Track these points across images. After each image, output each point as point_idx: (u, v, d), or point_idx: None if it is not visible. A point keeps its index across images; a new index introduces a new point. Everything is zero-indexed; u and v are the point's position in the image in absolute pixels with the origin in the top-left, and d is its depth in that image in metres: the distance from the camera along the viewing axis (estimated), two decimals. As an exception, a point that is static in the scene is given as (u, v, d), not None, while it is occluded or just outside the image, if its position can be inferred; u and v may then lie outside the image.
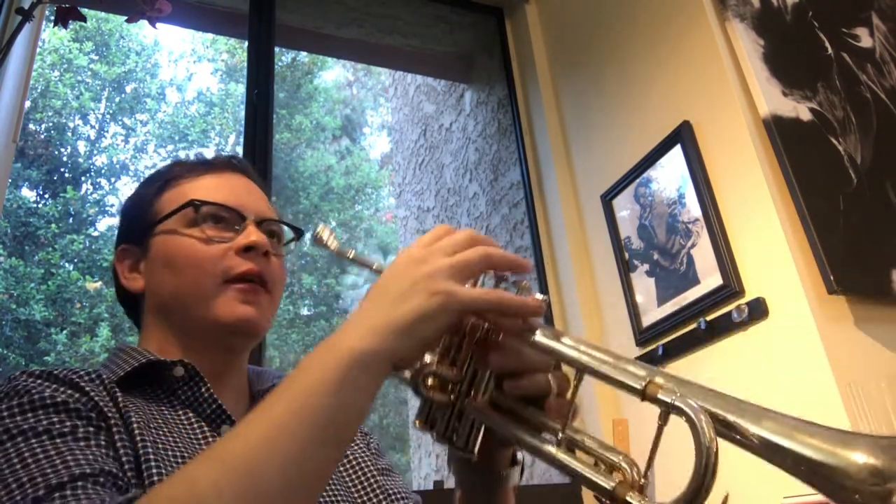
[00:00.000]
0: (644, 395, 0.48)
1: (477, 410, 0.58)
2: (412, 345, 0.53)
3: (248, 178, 0.86)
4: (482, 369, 0.59)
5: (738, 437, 0.46)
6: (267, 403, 0.50)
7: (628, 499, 0.47)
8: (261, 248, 0.76)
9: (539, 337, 0.55)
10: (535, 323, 0.56)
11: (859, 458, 0.41)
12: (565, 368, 0.58)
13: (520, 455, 0.69)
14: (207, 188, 0.79)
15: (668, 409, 0.47)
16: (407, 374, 0.59)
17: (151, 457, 0.59)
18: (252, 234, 0.76)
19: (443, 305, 0.52)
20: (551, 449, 0.53)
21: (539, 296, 0.57)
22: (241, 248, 0.75)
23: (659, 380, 0.48)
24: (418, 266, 0.55)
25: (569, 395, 0.56)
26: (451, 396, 0.58)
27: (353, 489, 0.77)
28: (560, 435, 0.53)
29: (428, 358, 0.58)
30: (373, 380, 0.52)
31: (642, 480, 0.49)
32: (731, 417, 0.46)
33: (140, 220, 0.80)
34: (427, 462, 4.75)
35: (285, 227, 0.86)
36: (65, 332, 7.32)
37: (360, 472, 0.79)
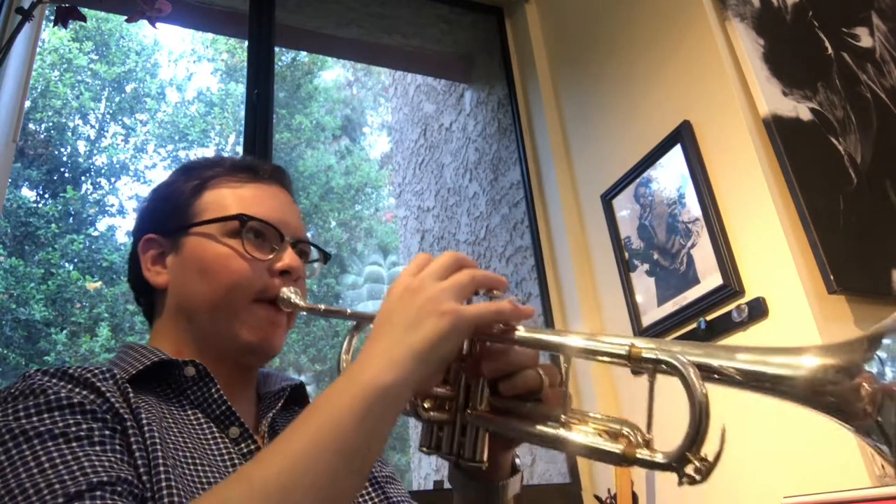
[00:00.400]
0: (630, 358, 0.51)
1: (478, 419, 0.60)
2: (432, 369, 0.55)
3: (289, 192, 0.86)
4: (474, 380, 0.61)
5: (721, 376, 0.50)
6: (293, 434, 0.51)
7: (638, 455, 0.50)
8: (295, 272, 0.78)
9: (520, 333, 0.58)
10: (514, 324, 0.59)
11: (821, 362, 0.46)
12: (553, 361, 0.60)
13: (518, 461, 0.70)
14: (253, 200, 0.79)
15: (655, 366, 0.50)
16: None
17: (160, 459, 0.59)
18: (290, 258, 0.77)
19: (454, 324, 0.55)
20: (557, 432, 0.56)
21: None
22: (279, 270, 0.76)
23: (639, 343, 0.52)
24: (416, 293, 0.57)
25: (563, 382, 0.59)
26: (451, 414, 0.60)
27: (357, 497, 0.77)
28: (562, 418, 0.56)
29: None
30: (395, 410, 0.54)
31: (647, 436, 0.52)
32: (711, 361, 0.50)
33: (174, 215, 0.79)
34: (427, 462, 4.75)
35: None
36: (65, 331, 7.33)
37: (371, 477, 0.79)
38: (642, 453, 0.49)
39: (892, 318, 0.44)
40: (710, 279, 1.56)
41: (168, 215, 0.80)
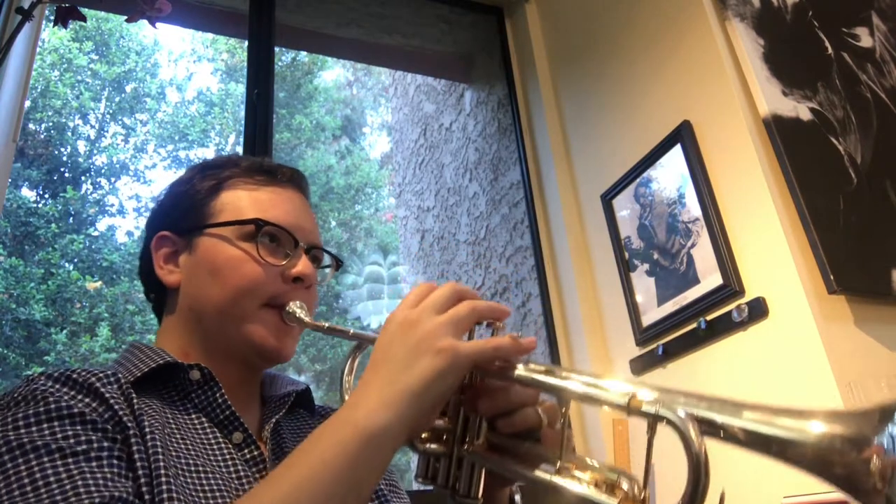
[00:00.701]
0: (629, 409, 0.49)
1: (475, 455, 0.59)
2: (426, 409, 0.54)
3: (306, 196, 0.86)
4: (473, 415, 0.60)
5: (725, 434, 0.47)
6: (281, 478, 0.51)
7: None
8: (308, 280, 0.77)
9: (519, 372, 0.56)
10: (514, 361, 0.57)
11: (830, 430, 0.43)
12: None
13: (517, 498, 0.69)
14: (269, 204, 0.79)
15: (654, 420, 0.48)
16: None
17: (162, 469, 0.58)
18: (303, 265, 0.77)
19: (452, 362, 0.53)
20: (551, 478, 0.54)
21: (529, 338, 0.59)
22: (291, 277, 0.76)
23: (642, 393, 0.50)
24: (413, 328, 0.56)
25: (558, 424, 0.57)
26: (448, 446, 0.59)
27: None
28: (558, 463, 0.54)
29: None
30: (387, 453, 0.53)
31: (643, 494, 0.50)
32: (715, 417, 0.48)
33: (189, 214, 0.79)
34: (427, 462, 4.74)
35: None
36: (65, 331, 7.33)
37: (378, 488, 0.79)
38: None
39: None
40: (710, 279, 1.56)
41: (183, 214, 0.80)
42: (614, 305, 1.92)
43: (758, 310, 1.44)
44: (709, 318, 1.56)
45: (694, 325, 1.60)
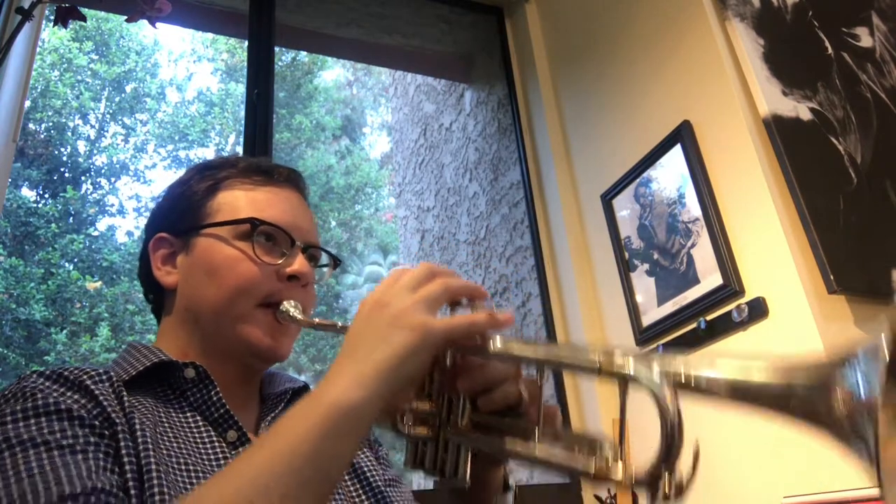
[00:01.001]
0: (600, 371, 0.50)
1: (460, 435, 0.59)
2: (399, 385, 0.53)
3: (304, 196, 0.86)
4: (455, 396, 0.60)
5: (701, 390, 0.48)
6: (252, 455, 0.50)
7: (611, 475, 0.48)
8: (304, 278, 0.77)
9: (496, 346, 0.56)
10: (489, 336, 0.57)
11: (801, 375, 0.44)
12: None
13: (511, 481, 0.69)
14: (265, 203, 0.79)
15: (625, 380, 0.48)
16: (386, 419, 0.60)
17: (153, 465, 0.58)
18: (299, 264, 0.77)
19: (423, 338, 0.53)
20: (531, 450, 0.54)
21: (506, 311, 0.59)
22: (287, 275, 0.76)
23: (615, 356, 0.50)
24: (386, 307, 0.56)
25: (539, 397, 0.58)
26: (433, 430, 0.59)
27: (363, 496, 0.76)
28: (537, 432, 0.55)
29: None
30: (359, 430, 0.52)
31: (619, 453, 0.50)
32: (688, 373, 0.48)
33: (186, 215, 0.79)
34: (427, 462, 4.75)
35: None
36: (65, 331, 7.33)
37: (366, 484, 0.79)
38: (615, 471, 0.48)
39: (868, 338, 0.43)
40: (710, 279, 1.56)
41: (180, 214, 0.80)
42: (614, 305, 1.92)
43: (758, 310, 1.44)
44: (709, 318, 1.56)
45: (694, 325, 1.60)
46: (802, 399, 0.44)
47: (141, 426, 0.61)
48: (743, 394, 0.46)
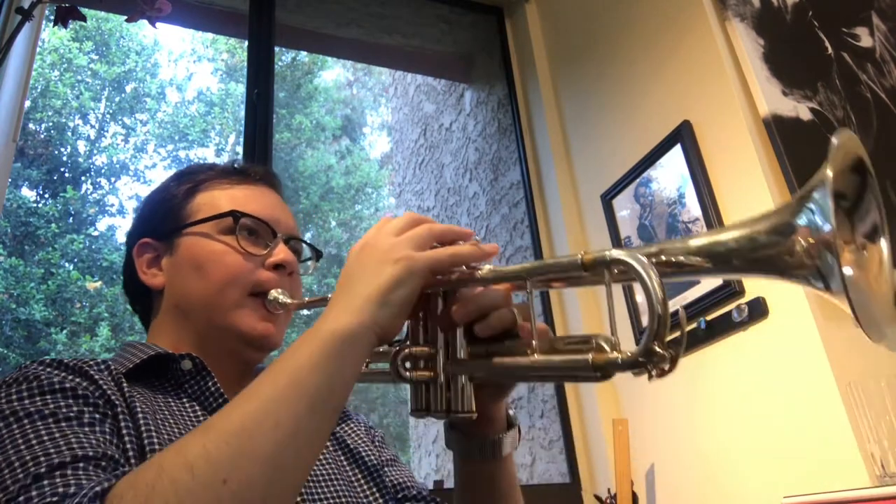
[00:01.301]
0: (584, 264, 0.53)
1: (459, 366, 0.61)
2: (390, 312, 0.56)
3: (279, 193, 0.88)
4: (451, 333, 0.62)
5: (680, 264, 0.51)
6: (255, 383, 0.52)
7: (607, 359, 0.50)
8: (290, 267, 0.79)
9: (483, 273, 0.60)
10: (477, 265, 0.60)
11: (753, 229, 0.48)
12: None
13: (512, 412, 0.71)
14: (245, 199, 0.81)
15: (607, 264, 0.51)
16: (387, 354, 0.62)
17: (156, 442, 0.60)
18: (283, 253, 0.79)
19: (409, 268, 0.56)
20: (530, 361, 0.56)
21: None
22: (272, 265, 0.78)
23: (594, 250, 0.53)
24: (373, 247, 0.59)
25: (532, 312, 0.60)
26: (433, 370, 0.61)
27: (355, 483, 0.77)
28: (534, 343, 0.57)
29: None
30: (358, 352, 0.55)
31: (613, 339, 0.52)
32: (662, 251, 0.51)
33: (167, 218, 0.81)
34: (427, 462, 4.75)
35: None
36: (65, 331, 7.33)
37: (363, 466, 0.80)
38: (610, 356, 0.50)
39: (817, 175, 0.45)
40: (710, 279, 1.56)
41: (161, 219, 0.81)
42: (614, 305, 1.91)
43: (758, 310, 1.44)
44: (709, 318, 1.56)
45: (694, 325, 1.60)
46: (767, 246, 0.46)
47: (143, 412, 0.62)
48: (715, 258, 0.50)
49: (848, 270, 0.44)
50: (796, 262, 0.45)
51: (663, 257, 0.51)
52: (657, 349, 0.46)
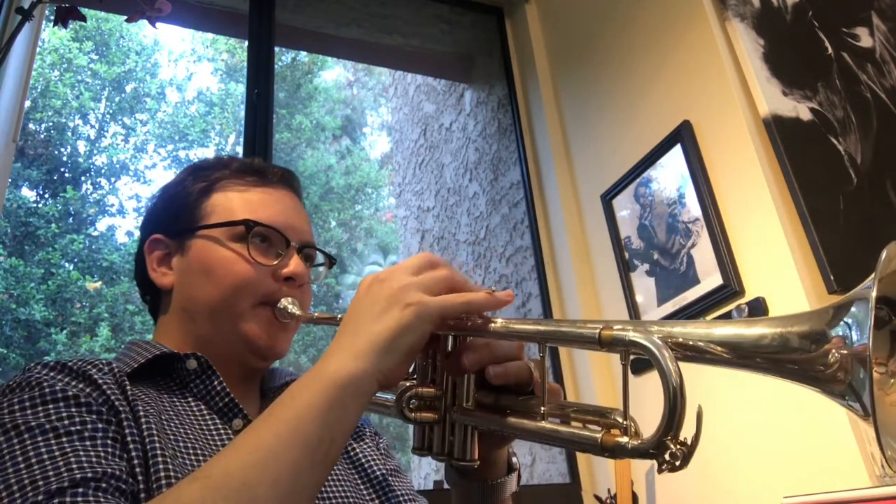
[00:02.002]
0: (601, 342, 0.49)
1: (466, 415, 0.59)
2: (395, 360, 0.54)
3: (297, 195, 0.86)
4: (460, 378, 0.60)
5: (700, 351, 0.48)
6: (257, 428, 0.51)
7: (617, 443, 0.48)
8: (299, 279, 0.78)
9: (496, 326, 0.57)
10: (490, 315, 0.58)
11: (785, 330, 0.45)
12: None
13: (515, 460, 0.70)
14: (259, 204, 0.79)
15: (626, 347, 0.48)
16: (391, 398, 0.60)
17: (158, 450, 0.59)
18: (294, 265, 0.77)
19: (418, 315, 0.54)
20: (538, 424, 0.54)
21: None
22: (282, 276, 0.77)
23: (614, 325, 0.50)
24: (383, 284, 0.57)
25: (543, 373, 0.58)
26: (439, 413, 0.60)
27: (363, 490, 0.77)
28: (543, 409, 0.55)
29: (407, 383, 0.60)
30: (360, 402, 0.53)
31: (625, 423, 0.50)
32: (687, 338, 0.49)
33: (181, 216, 0.80)
34: (427, 462, 4.75)
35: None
36: (65, 331, 7.33)
37: (369, 474, 0.80)
38: (620, 441, 0.48)
39: (861, 287, 0.44)
40: (710, 279, 1.56)
41: (175, 216, 0.80)
42: (614, 305, 1.92)
43: (758, 310, 1.44)
44: (709, 318, 1.56)
45: (694, 325, 1.60)
46: (797, 350, 0.44)
47: (145, 414, 0.62)
48: (738, 352, 0.47)
49: (878, 393, 0.41)
50: (827, 375, 0.42)
51: (681, 340, 0.49)
52: (669, 444, 0.45)
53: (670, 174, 1.75)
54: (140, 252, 0.82)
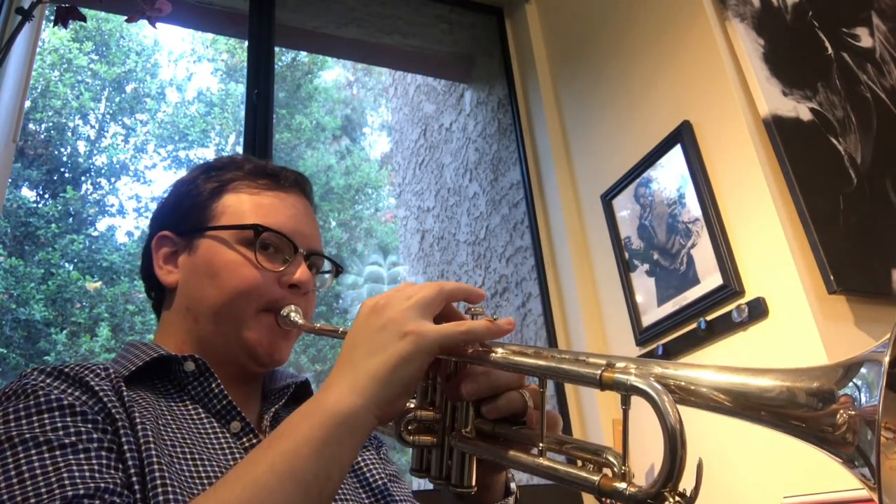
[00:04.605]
0: (602, 384, 0.49)
1: (464, 443, 0.59)
2: (394, 393, 0.54)
3: (309, 200, 0.86)
4: (459, 403, 0.60)
5: (703, 398, 0.47)
6: (254, 462, 0.51)
7: (615, 488, 0.47)
8: (305, 287, 0.78)
9: (496, 355, 0.56)
10: (491, 345, 0.57)
11: (793, 385, 0.44)
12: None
13: (513, 486, 0.69)
14: (270, 209, 0.79)
15: (627, 392, 0.48)
16: (390, 426, 0.60)
17: (154, 458, 0.59)
18: (301, 273, 0.77)
19: (417, 346, 0.54)
20: (535, 459, 0.54)
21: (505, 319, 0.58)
22: (288, 283, 0.76)
23: (617, 365, 0.49)
24: (381, 312, 0.56)
25: (542, 405, 0.57)
26: (438, 437, 0.60)
27: (363, 494, 0.77)
28: (541, 444, 0.54)
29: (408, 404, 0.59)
30: (357, 438, 0.53)
31: (623, 468, 0.49)
32: (689, 384, 0.48)
33: (191, 215, 0.79)
34: (427, 462, 4.75)
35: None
36: (65, 332, 7.33)
37: (370, 481, 0.79)
38: (618, 487, 0.47)
39: (872, 348, 0.43)
40: (710, 279, 1.56)
41: (184, 214, 0.80)
42: (614, 306, 1.91)
43: (758, 310, 1.44)
44: (709, 318, 1.56)
45: (694, 326, 1.60)
46: (804, 406, 0.43)
47: (141, 420, 0.61)
48: (742, 403, 0.45)
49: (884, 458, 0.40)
50: (835, 436, 0.41)
51: (684, 384, 0.48)
52: (668, 496, 0.44)
53: (670, 174, 1.75)
54: (147, 247, 0.82)
